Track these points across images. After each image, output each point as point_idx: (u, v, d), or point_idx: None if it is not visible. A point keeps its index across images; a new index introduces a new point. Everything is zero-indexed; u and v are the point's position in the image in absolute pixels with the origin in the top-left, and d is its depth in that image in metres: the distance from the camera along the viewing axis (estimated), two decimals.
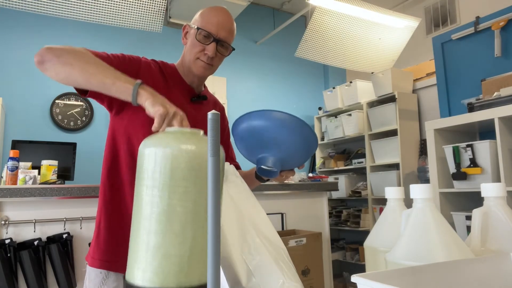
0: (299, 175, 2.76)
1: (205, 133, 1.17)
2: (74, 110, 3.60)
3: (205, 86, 1.32)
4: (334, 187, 2.90)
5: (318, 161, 4.51)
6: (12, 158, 2.05)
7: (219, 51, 1.15)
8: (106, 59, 1.01)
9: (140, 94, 0.86)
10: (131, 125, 1.07)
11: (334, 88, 4.32)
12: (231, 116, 4.28)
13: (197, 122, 1.13)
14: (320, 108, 4.61)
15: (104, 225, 1.09)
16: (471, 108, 2.30)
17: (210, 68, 1.17)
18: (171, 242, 0.61)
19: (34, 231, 1.86)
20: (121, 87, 0.88)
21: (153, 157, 0.64)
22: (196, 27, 1.13)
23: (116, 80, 0.89)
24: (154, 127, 0.82)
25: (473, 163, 2.22)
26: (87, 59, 0.94)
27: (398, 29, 3.52)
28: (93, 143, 3.57)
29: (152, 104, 0.83)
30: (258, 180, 1.21)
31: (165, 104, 0.84)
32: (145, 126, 0.98)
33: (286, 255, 0.77)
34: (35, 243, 1.83)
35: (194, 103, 1.21)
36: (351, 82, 4.08)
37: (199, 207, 0.63)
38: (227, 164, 0.83)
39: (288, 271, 0.73)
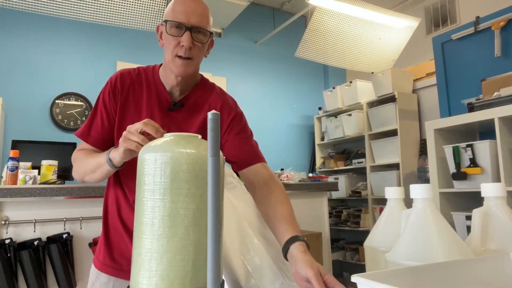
0: (299, 175, 2.76)
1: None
2: (74, 110, 3.60)
3: (199, 83, 1.19)
4: (334, 187, 2.89)
5: (318, 161, 4.51)
6: (12, 158, 2.05)
7: (196, 39, 1.05)
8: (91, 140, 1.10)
9: (114, 157, 0.95)
10: None
11: (334, 88, 4.32)
12: None
13: (171, 131, 1.09)
14: (320, 108, 4.61)
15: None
16: (471, 108, 2.30)
17: (190, 63, 1.07)
18: (175, 246, 0.61)
19: (34, 231, 1.86)
20: (103, 166, 0.98)
21: (154, 162, 0.64)
22: (165, 21, 1.07)
23: (98, 164, 1.00)
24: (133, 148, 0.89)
25: (473, 163, 2.22)
26: (82, 167, 1.06)
27: (398, 29, 3.52)
28: None
29: (118, 150, 0.92)
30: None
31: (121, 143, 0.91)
32: None
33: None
34: (35, 243, 1.83)
35: (171, 111, 1.12)
36: (351, 82, 4.08)
37: (202, 209, 0.63)
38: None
39: (287, 272, 0.73)
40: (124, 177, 1.10)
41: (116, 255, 1.11)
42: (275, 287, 0.69)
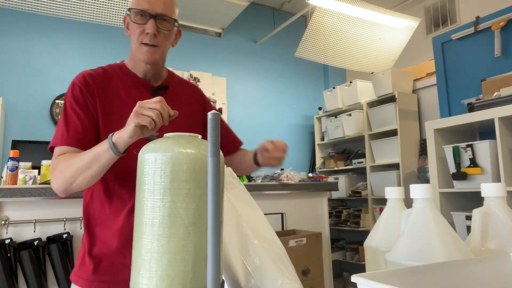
0: (299, 175, 2.76)
1: (178, 125, 1.12)
2: None
3: (168, 73, 1.22)
4: (334, 187, 2.89)
5: (318, 161, 4.51)
6: (12, 158, 2.05)
7: (161, 26, 1.06)
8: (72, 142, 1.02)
9: (120, 138, 0.89)
10: None
11: (334, 88, 4.32)
12: (231, 116, 4.30)
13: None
14: (320, 108, 4.61)
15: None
16: (471, 108, 2.30)
17: (156, 51, 1.07)
18: (175, 246, 0.61)
19: (34, 231, 1.86)
20: (103, 156, 0.91)
21: (154, 162, 0.63)
22: (129, 9, 1.07)
23: (95, 156, 0.92)
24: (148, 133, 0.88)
25: (473, 163, 2.22)
26: (72, 168, 0.96)
27: (398, 29, 3.52)
28: None
29: (126, 128, 0.87)
30: (256, 165, 1.23)
31: (133, 119, 0.86)
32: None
33: (285, 256, 0.77)
34: (35, 243, 1.83)
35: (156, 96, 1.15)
36: (351, 82, 4.08)
37: (202, 209, 0.63)
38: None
39: (287, 272, 0.73)
40: (118, 185, 1.05)
41: (104, 268, 1.04)
42: (275, 287, 0.69)
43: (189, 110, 1.21)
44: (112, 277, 1.03)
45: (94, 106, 1.04)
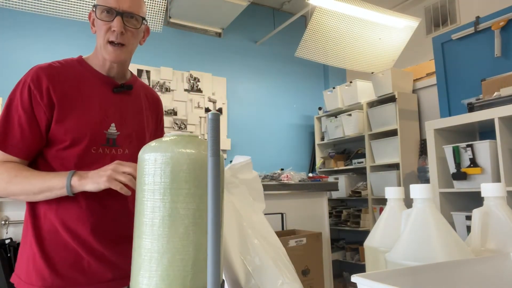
0: (299, 175, 2.76)
1: (139, 127, 1.11)
2: None
3: (132, 74, 1.19)
4: (334, 187, 2.89)
5: (318, 161, 4.51)
6: None
7: (128, 24, 1.03)
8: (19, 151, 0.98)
9: (81, 186, 0.91)
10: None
11: (334, 88, 4.32)
12: (231, 116, 4.30)
13: (124, 113, 1.08)
14: (320, 108, 4.61)
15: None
16: (471, 108, 2.30)
17: (122, 50, 1.04)
18: (175, 246, 0.61)
19: None
20: (57, 189, 0.92)
21: (154, 162, 0.63)
22: (95, 5, 1.03)
23: (48, 188, 0.92)
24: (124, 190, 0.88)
25: (473, 163, 2.22)
26: (18, 186, 0.94)
27: (398, 29, 3.52)
28: None
29: (94, 182, 0.89)
30: None
31: (99, 175, 0.89)
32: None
33: (284, 256, 0.77)
34: None
35: (118, 94, 1.09)
36: (351, 82, 4.08)
37: (202, 209, 0.63)
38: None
39: (287, 271, 0.73)
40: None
41: (63, 269, 0.96)
42: (275, 286, 0.69)
43: (148, 115, 1.18)
44: (75, 280, 0.98)
45: (48, 106, 0.98)
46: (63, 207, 0.98)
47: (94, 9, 1.05)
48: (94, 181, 0.88)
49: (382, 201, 3.76)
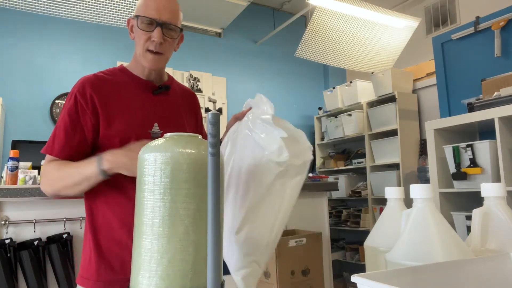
0: None
1: (180, 125, 1.17)
2: None
3: (169, 76, 1.26)
4: (334, 187, 2.89)
5: (318, 161, 4.51)
6: (12, 158, 2.05)
7: (167, 35, 1.10)
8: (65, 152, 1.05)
9: (111, 169, 0.95)
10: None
11: (334, 88, 4.32)
12: (231, 116, 4.29)
13: (165, 113, 1.16)
14: (320, 108, 4.61)
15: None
16: (471, 108, 2.30)
17: (160, 58, 1.11)
18: (175, 246, 0.61)
19: (34, 231, 1.86)
20: (92, 176, 0.97)
21: (154, 162, 0.63)
22: (136, 16, 1.10)
23: (85, 177, 0.97)
24: None
25: (473, 163, 2.22)
26: (61, 181, 1.02)
27: (398, 29, 3.52)
28: None
29: (126, 168, 0.92)
30: None
31: (129, 157, 0.92)
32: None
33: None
34: (35, 243, 1.83)
35: (158, 96, 1.17)
36: (351, 82, 4.08)
37: (202, 209, 0.63)
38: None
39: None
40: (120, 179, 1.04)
41: (116, 265, 1.03)
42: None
43: (186, 112, 1.25)
44: (122, 275, 1.02)
45: (92, 112, 1.06)
46: (117, 204, 1.05)
47: (135, 18, 1.11)
48: (128, 169, 0.93)
49: (382, 201, 3.76)
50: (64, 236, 1.89)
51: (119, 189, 1.05)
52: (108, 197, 1.06)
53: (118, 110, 1.08)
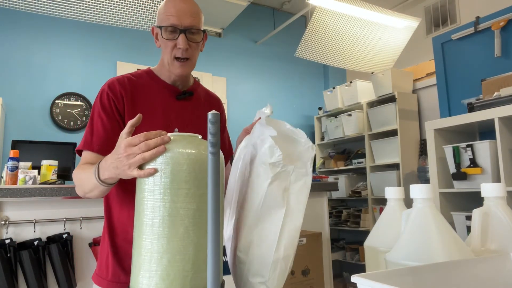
0: None
1: (200, 131, 1.18)
2: (74, 110, 3.60)
3: (194, 81, 1.26)
4: (334, 187, 2.89)
5: (318, 161, 4.51)
6: (12, 158, 2.05)
7: (191, 39, 1.10)
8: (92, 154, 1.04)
9: (102, 174, 0.88)
10: None
11: (334, 88, 4.32)
12: (231, 116, 4.29)
13: (186, 119, 1.16)
14: (320, 108, 4.61)
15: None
16: (471, 108, 2.30)
17: (188, 64, 1.12)
18: (175, 246, 0.61)
19: (34, 231, 1.86)
20: (98, 184, 0.91)
21: (153, 162, 0.63)
22: (159, 26, 1.11)
23: (93, 184, 0.92)
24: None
25: (473, 163, 2.22)
26: (81, 187, 0.99)
27: (398, 29, 3.52)
28: None
29: (114, 170, 0.82)
30: None
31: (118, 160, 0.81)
32: None
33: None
34: (35, 243, 1.83)
35: (181, 101, 1.17)
36: (351, 82, 4.08)
37: (202, 209, 0.63)
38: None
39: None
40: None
41: (129, 266, 1.04)
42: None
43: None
44: None
45: (122, 110, 1.08)
46: (131, 205, 1.00)
47: (158, 28, 1.12)
48: (119, 173, 0.84)
49: (382, 201, 3.76)
50: (64, 236, 1.89)
51: (132, 190, 1.04)
52: (123, 198, 1.06)
53: (142, 112, 1.06)
